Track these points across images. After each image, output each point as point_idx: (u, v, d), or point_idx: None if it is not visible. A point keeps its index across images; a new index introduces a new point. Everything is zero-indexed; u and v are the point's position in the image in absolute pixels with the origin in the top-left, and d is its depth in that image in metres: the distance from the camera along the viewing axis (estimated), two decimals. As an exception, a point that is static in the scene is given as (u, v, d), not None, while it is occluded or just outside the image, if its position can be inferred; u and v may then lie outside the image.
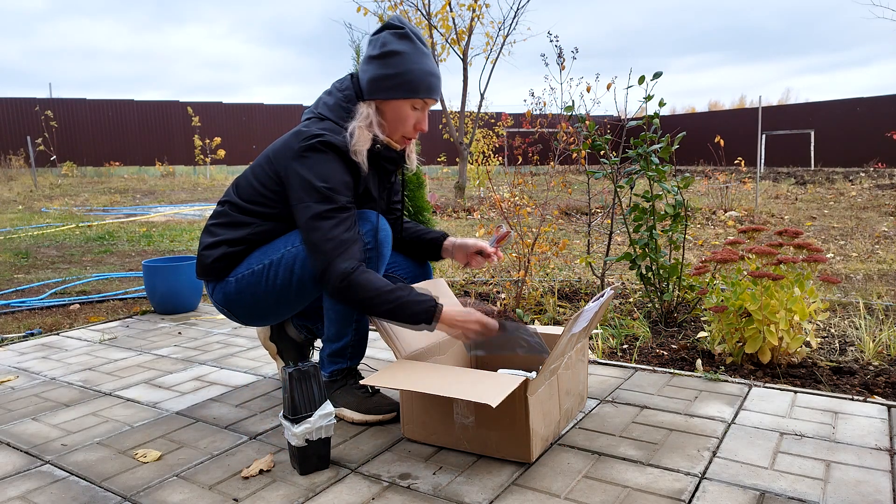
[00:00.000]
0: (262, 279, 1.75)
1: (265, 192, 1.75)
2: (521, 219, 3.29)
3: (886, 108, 16.44)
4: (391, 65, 1.67)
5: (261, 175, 1.77)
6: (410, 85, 1.67)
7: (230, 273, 1.80)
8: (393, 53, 1.67)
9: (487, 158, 14.02)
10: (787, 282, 2.14)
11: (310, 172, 1.63)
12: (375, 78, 1.69)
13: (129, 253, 5.48)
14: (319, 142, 1.64)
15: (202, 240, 1.83)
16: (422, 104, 1.72)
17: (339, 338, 1.81)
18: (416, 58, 1.68)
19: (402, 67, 1.67)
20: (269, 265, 1.74)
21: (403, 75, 1.67)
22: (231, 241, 1.78)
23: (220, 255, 1.78)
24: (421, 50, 1.69)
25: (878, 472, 1.48)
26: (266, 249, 1.77)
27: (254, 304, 1.79)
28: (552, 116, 11.57)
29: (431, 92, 1.71)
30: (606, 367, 2.27)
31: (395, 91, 1.68)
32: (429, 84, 1.69)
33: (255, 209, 1.77)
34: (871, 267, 4.24)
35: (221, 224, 1.81)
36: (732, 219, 7.12)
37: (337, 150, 1.66)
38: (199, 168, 19.07)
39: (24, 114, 17.42)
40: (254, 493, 1.44)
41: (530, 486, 1.45)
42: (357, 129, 1.68)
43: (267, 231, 1.77)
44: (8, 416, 1.94)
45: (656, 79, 2.78)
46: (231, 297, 1.80)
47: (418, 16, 9.62)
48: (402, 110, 1.71)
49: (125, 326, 3.01)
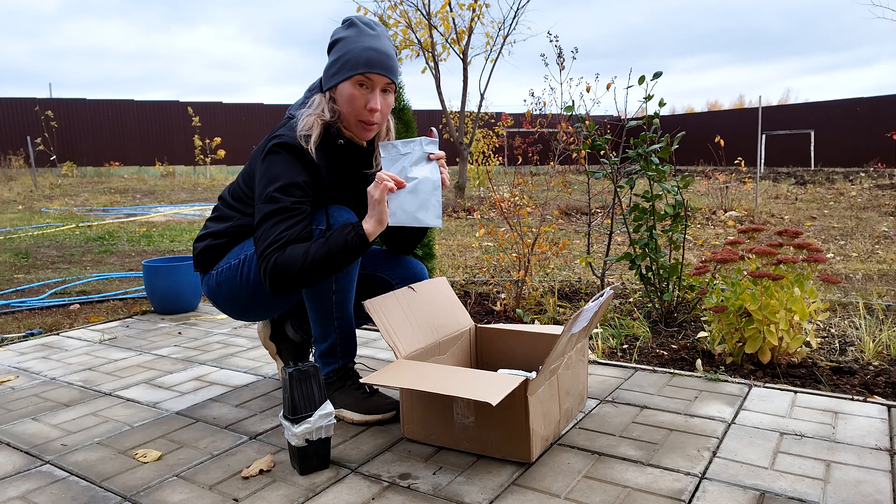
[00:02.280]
0: (238, 274, 1.80)
1: (245, 191, 1.83)
2: (521, 219, 3.29)
3: (886, 108, 16.44)
4: (335, 51, 1.72)
5: (244, 174, 1.85)
6: (350, 63, 1.67)
7: (214, 266, 1.87)
8: (336, 41, 1.72)
9: (487, 158, 14.02)
10: (787, 282, 2.14)
11: (264, 176, 1.68)
12: (325, 68, 1.74)
13: (129, 253, 5.48)
14: (274, 144, 1.68)
15: (197, 234, 1.93)
16: (367, 81, 1.68)
17: (325, 337, 1.82)
18: (359, 39, 1.68)
19: (343, 50, 1.69)
20: (243, 260, 1.79)
21: (344, 56, 1.68)
22: (215, 233, 1.86)
23: (205, 247, 1.87)
24: (365, 32, 1.69)
25: (878, 472, 1.48)
26: (244, 245, 1.82)
27: (231, 298, 1.85)
28: (552, 116, 11.57)
29: (371, 65, 1.66)
30: (606, 367, 2.27)
31: (339, 74, 1.70)
32: (368, 58, 1.66)
33: (237, 206, 1.85)
34: (871, 267, 4.24)
35: (212, 218, 1.91)
36: (732, 219, 7.12)
37: (290, 149, 1.68)
38: (199, 168, 19.07)
39: (24, 114, 17.42)
40: (254, 493, 1.44)
41: (530, 486, 1.45)
42: (306, 116, 1.71)
43: (246, 225, 1.83)
44: (8, 416, 1.94)
45: (656, 79, 2.78)
46: (213, 289, 1.87)
47: (418, 16, 9.62)
48: (348, 91, 1.69)
49: (125, 326, 3.01)
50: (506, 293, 3.30)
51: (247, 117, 20.16)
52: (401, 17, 9.61)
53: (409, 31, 9.62)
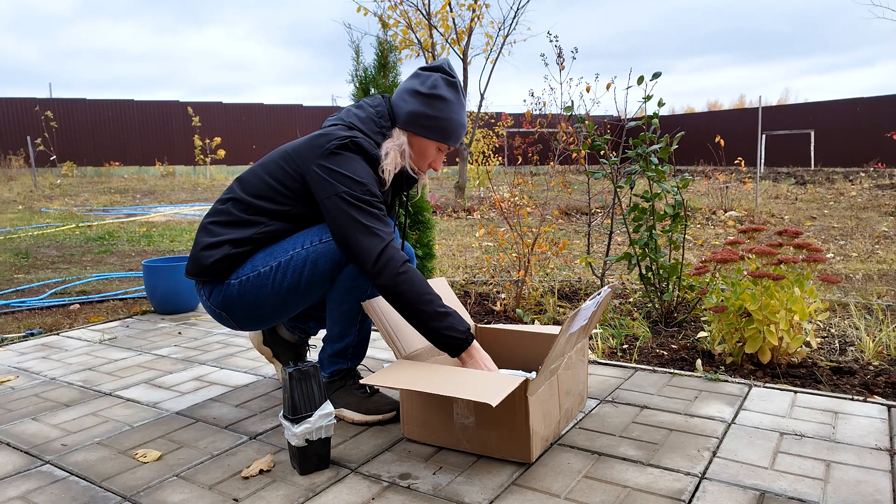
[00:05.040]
0: (269, 281, 1.71)
1: (280, 189, 1.72)
2: (521, 219, 3.29)
3: (886, 108, 16.45)
4: (436, 108, 1.75)
5: (276, 172, 1.73)
6: (446, 132, 1.78)
7: (231, 275, 1.74)
8: (440, 98, 1.75)
9: (487, 158, 14.03)
10: (787, 282, 2.14)
11: (344, 168, 1.65)
12: (418, 114, 1.75)
13: (129, 253, 5.48)
14: (352, 142, 1.68)
15: (200, 239, 1.77)
16: (445, 148, 1.83)
17: (341, 337, 1.81)
18: (458, 108, 1.79)
19: (444, 114, 1.76)
20: (276, 266, 1.70)
21: (443, 121, 1.76)
22: (235, 241, 1.72)
23: (223, 256, 1.72)
24: (462, 102, 1.83)
25: (878, 472, 1.48)
26: (272, 250, 1.73)
27: (256, 307, 1.75)
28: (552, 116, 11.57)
29: (458, 142, 1.84)
30: (606, 367, 2.27)
31: (432, 132, 1.77)
32: (458, 135, 1.82)
33: (264, 206, 1.73)
34: (871, 267, 4.24)
35: (223, 223, 1.76)
36: (732, 219, 7.12)
37: (367, 156, 1.70)
38: (199, 168, 19.07)
39: (24, 114, 17.42)
40: (254, 493, 1.44)
41: (530, 486, 1.45)
42: (392, 150, 1.75)
43: (274, 231, 1.73)
44: (8, 416, 1.94)
45: (655, 79, 2.78)
46: (232, 299, 1.74)
47: (418, 16, 9.63)
48: (429, 149, 1.80)
49: (125, 326, 3.01)
50: (506, 293, 3.30)
51: (247, 117, 20.16)
52: (401, 17, 9.62)
53: (409, 31, 9.63)
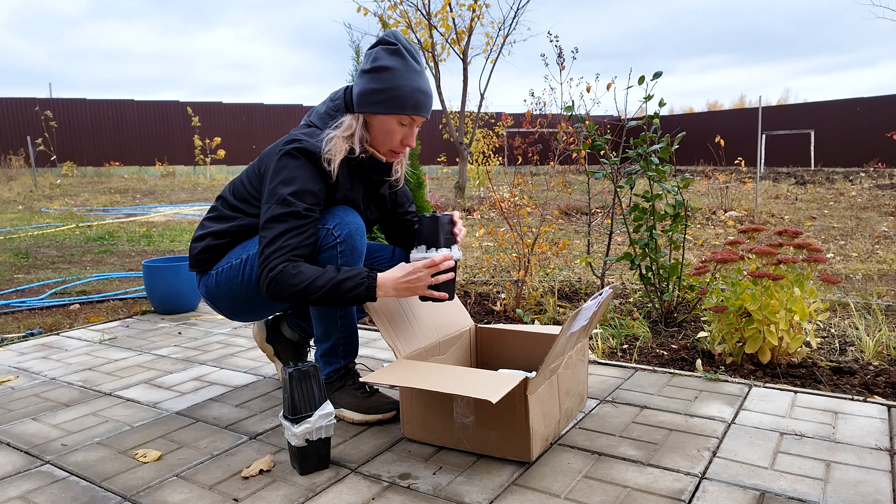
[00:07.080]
0: (239, 273, 1.78)
1: (251, 190, 1.81)
2: (521, 219, 3.29)
3: (886, 108, 16.45)
4: (381, 80, 1.67)
5: (250, 173, 1.83)
6: (398, 101, 1.67)
7: (214, 266, 1.85)
8: (383, 69, 1.67)
9: (487, 158, 14.03)
10: (787, 282, 2.14)
11: (278, 176, 1.68)
12: (365, 91, 1.69)
13: (129, 253, 5.48)
14: (294, 148, 1.68)
15: (194, 233, 1.89)
16: (409, 120, 1.72)
17: (327, 336, 1.82)
18: (406, 74, 1.67)
19: (390, 83, 1.66)
20: (245, 259, 1.78)
21: (391, 91, 1.66)
22: (216, 233, 1.83)
23: (205, 247, 1.83)
24: (412, 67, 1.69)
25: (878, 472, 1.48)
26: (246, 244, 1.81)
27: (231, 298, 1.83)
28: (552, 116, 11.57)
29: (419, 109, 1.70)
30: (606, 367, 2.27)
31: (383, 106, 1.68)
32: (416, 101, 1.68)
33: (240, 206, 1.83)
34: (871, 267, 4.24)
35: (211, 218, 1.88)
36: (732, 219, 7.12)
37: (309, 157, 1.68)
38: (199, 168, 19.07)
39: (24, 114, 17.42)
40: (254, 493, 1.44)
41: (530, 486, 1.45)
42: (334, 137, 1.70)
43: (250, 225, 1.81)
44: (8, 416, 1.94)
45: (656, 79, 2.78)
46: (212, 289, 1.85)
47: (418, 16, 9.62)
48: (389, 125, 1.71)
49: (125, 326, 3.01)
50: (506, 293, 3.30)
51: (247, 117, 20.15)
52: (401, 17, 9.61)
53: (408, 31, 9.62)
